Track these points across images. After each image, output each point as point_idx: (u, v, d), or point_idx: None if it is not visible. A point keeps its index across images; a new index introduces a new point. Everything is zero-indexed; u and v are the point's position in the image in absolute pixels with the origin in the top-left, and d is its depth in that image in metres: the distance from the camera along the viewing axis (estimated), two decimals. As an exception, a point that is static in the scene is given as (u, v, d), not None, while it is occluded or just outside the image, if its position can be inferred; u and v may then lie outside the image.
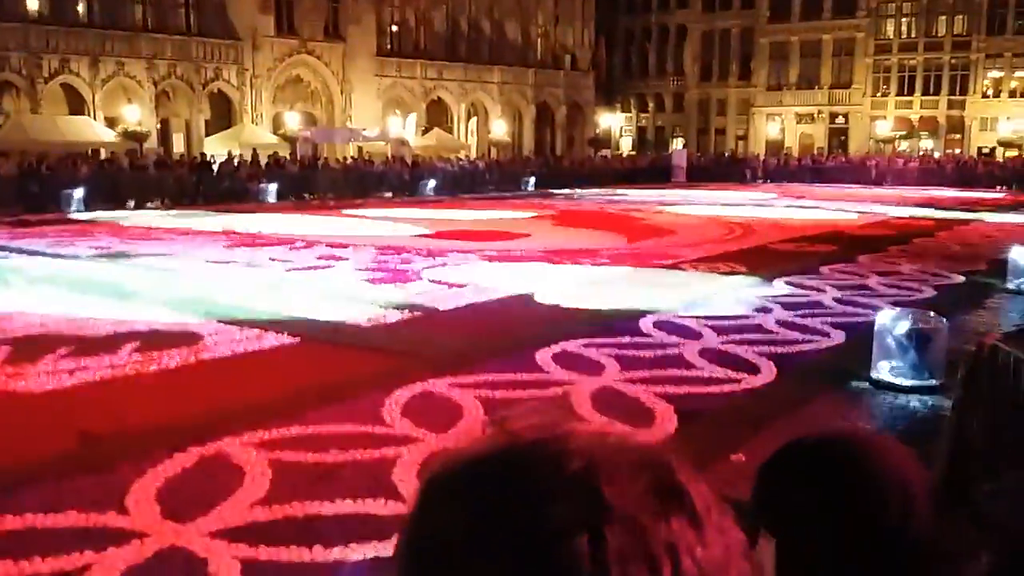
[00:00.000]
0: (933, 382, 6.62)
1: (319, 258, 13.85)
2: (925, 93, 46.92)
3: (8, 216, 20.20)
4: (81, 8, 31.40)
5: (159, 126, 32.76)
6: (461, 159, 36.75)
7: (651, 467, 0.58)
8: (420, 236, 17.09)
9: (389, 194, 29.72)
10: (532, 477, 0.57)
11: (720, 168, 41.96)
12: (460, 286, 11.19)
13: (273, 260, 13.53)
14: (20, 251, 14.39)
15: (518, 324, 9.10)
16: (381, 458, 5.14)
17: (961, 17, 45.88)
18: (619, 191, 32.68)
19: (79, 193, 22.80)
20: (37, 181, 23.22)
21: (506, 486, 0.57)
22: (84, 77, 30.44)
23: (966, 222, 21.00)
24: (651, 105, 55.63)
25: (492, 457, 0.58)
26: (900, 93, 47.63)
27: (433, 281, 11.57)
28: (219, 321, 8.82)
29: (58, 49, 29.84)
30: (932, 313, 7.15)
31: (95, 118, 30.19)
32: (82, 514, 4.38)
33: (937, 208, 24.73)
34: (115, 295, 10.27)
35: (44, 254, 14.05)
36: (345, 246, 15.29)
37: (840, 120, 49.38)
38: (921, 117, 47.16)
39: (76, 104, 30.71)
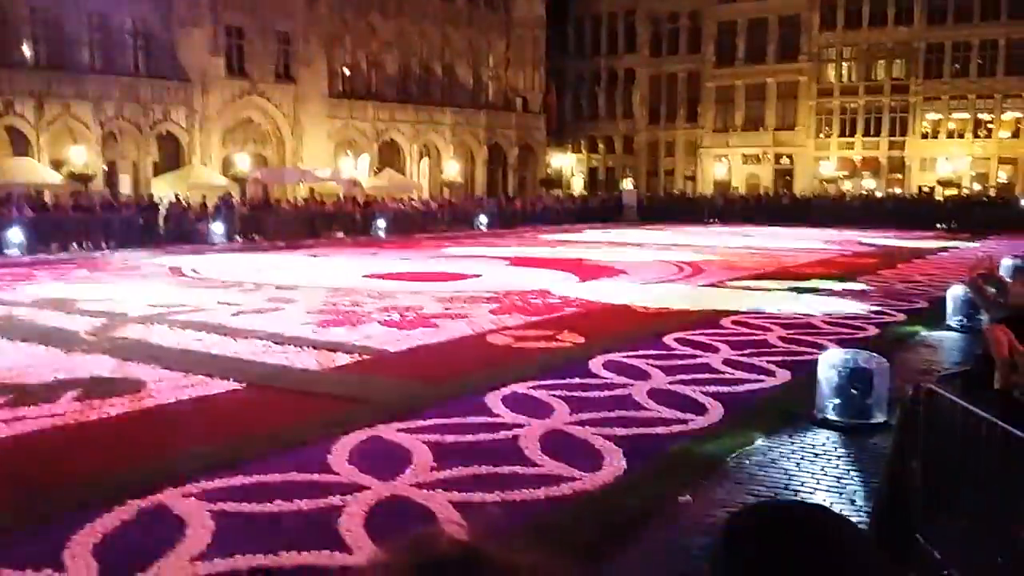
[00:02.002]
0: (875, 420, 6.74)
1: (268, 300, 13.71)
2: (867, 134, 48.30)
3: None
4: (26, 49, 30.99)
5: (106, 168, 32.27)
6: (413, 199, 36.81)
7: None
8: (370, 277, 17.02)
9: (341, 234, 29.62)
10: None
11: (670, 208, 42.62)
12: (410, 328, 11.15)
13: (220, 303, 13.35)
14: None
15: (468, 366, 9.08)
16: (327, 507, 5.07)
17: (899, 62, 47.50)
18: (571, 230, 32.99)
19: (20, 235, 22.34)
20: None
21: None
22: (28, 119, 29.91)
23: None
24: (601, 146, 56.41)
25: (411, 567, 0.59)
26: (842, 134, 48.97)
27: (383, 323, 11.52)
28: (163, 367, 8.66)
29: (1, 91, 29.35)
30: (874, 353, 7.30)
31: (40, 160, 29.66)
32: (17, 572, 4.25)
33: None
34: (56, 341, 10.04)
35: (-17, 299, 13.69)
36: (294, 288, 15.18)
37: (785, 161, 50.55)
38: (863, 158, 48.49)
39: (20, 146, 30.14)
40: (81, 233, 24.57)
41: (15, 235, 22.27)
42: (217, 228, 26.31)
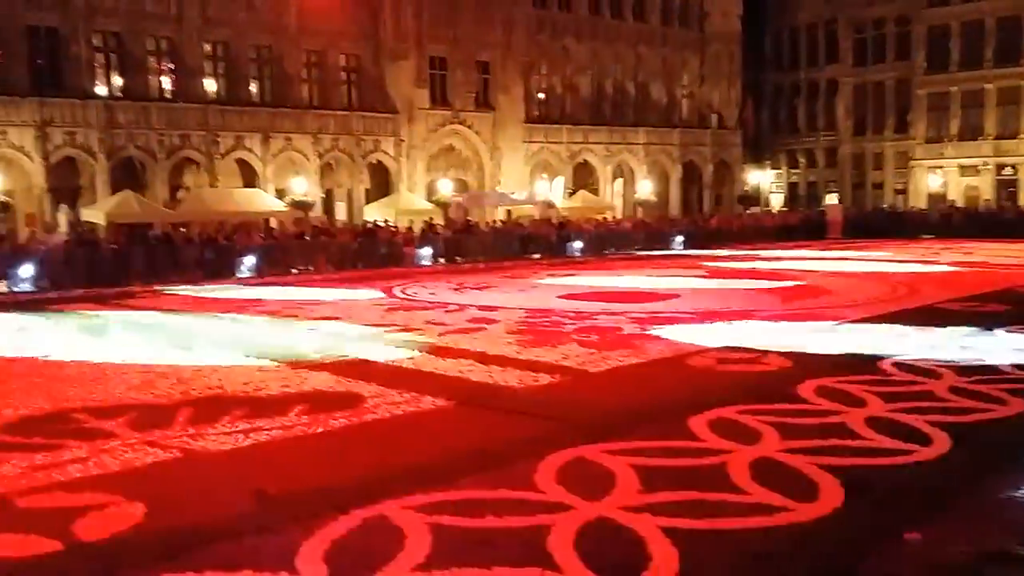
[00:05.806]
0: None
1: (471, 320, 14.18)
2: (1105, 140, 43.71)
3: (188, 282, 21.84)
4: (254, 89, 33.96)
5: (323, 195, 34.72)
6: (608, 219, 36.93)
7: None
8: (567, 298, 17.22)
9: (537, 256, 30.18)
10: None
11: (878, 223, 40.25)
12: (609, 349, 11.18)
13: (429, 323, 13.95)
14: (200, 315, 15.46)
15: (670, 388, 8.98)
16: (536, 525, 5.17)
17: None
18: (771, 249, 31.91)
19: (251, 260, 24.37)
20: (214, 249, 24.99)
21: None
22: (256, 152, 32.78)
23: None
24: (802, 161, 54.33)
25: None
26: (1075, 141, 44.57)
27: (581, 344, 11.61)
28: (379, 384, 9.16)
29: (233, 127, 32.32)
30: None
31: (266, 190, 32.36)
32: (257, 574, 4.61)
33: None
34: (285, 357, 10.86)
35: (221, 318, 15.03)
36: (495, 308, 15.60)
37: (1008, 171, 46.56)
38: (1101, 165, 43.91)
39: (249, 177, 33.06)
40: (304, 257, 26.47)
41: (248, 259, 24.33)
42: (423, 251, 27.55)
